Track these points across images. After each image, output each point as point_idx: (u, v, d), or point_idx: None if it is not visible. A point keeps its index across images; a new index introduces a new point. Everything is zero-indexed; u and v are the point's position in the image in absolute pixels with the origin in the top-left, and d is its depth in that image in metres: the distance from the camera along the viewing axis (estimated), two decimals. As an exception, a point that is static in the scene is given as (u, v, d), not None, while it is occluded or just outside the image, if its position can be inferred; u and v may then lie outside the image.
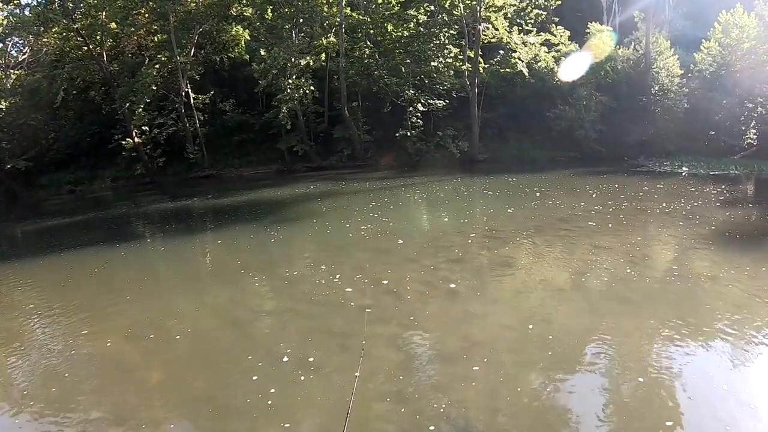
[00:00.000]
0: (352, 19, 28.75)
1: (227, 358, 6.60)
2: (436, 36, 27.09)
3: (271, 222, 15.25)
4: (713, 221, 12.26)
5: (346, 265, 10.15)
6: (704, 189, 16.69)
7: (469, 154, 27.99)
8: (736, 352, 5.93)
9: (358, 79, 28.54)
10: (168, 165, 30.30)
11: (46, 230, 17.99)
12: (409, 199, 19.07)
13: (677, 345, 6.13)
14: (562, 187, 18.83)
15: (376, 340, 6.59)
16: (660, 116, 26.67)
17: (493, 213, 14.84)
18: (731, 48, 26.72)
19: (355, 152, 29.15)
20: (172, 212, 19.85)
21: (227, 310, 8.38)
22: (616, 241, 10.82)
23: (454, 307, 7.72)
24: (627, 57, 27.62)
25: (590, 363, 5.95)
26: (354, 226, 13.61)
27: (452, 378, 5.73)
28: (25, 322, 8.39)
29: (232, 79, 32.66)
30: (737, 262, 8.92)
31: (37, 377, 6.50)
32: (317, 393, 5.58)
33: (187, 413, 5.55)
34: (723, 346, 6.07)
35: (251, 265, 10.62)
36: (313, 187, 22.32)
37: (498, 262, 9.86)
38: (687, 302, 7.48)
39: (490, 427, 4.91)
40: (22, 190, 30.10)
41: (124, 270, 11.24)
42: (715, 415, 4.85)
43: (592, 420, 4.89)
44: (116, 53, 31.58)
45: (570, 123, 26.87)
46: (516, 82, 28.56)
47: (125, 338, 7.32)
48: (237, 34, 30.39)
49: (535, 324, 6.89)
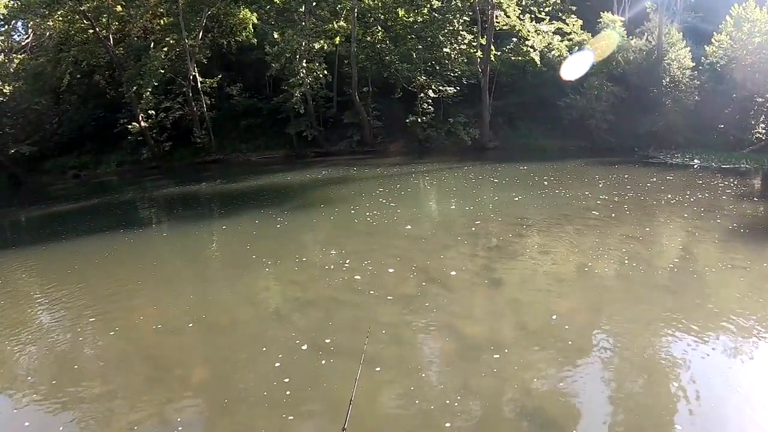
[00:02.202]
0: (364, 3, 28.46)
1: (278, 351, 6.11)
2: (449, 22, 26.85)
3: (291, 208, 15.09)
4: (736, 214, 12.12)
5: (380, 253, 9.86)
6: (720, 182, 16.55)
7: (480, 142, 27.89)
8: (745, 345, 5.85)
9: (369, 64, 28.33)
10: (174, 150, 30.11)
11: (50, 216, 17.75)
12: (426, 186, 19.01)
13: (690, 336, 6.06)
14: (578, 176, 18.73)
15: (428, 330, 6.52)
16: (670, 108, 26.54)
17: (518, 201, 14.46)
18: (742, 42, 26.57)
19: (364, 138, 29.02)
20: (180, 197, 19.73)
21: (264, 300, 8.03)
22: (649, 231, 10.76)
23: (500, 295, 7.65)
24: (639, 48, 27.45)
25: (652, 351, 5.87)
26: (376, 212, 13.45)
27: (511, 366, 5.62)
28: (30, 310, 8.18)
29: (239, 63, 32.36)
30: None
31: (45, 366, 6.31)
32: (388, 391, 5.27)
33: (247, 414, 5.09)
34: (730, 339, 5.98)
35: (279, 252, 10.27)
36: (324, 173, 22.20)
37: (536, 250, 9.71)
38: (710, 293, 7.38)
39: (567, 416, 4.82)
40: (26, 175, 29.87)
41: (135, 257, 10.94)
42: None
43: (596, 413, 4.83)
44: (121, 36, 31.19)
45: (581, 112, 26.74)
46: (527, 70, 28.41)
47: (165, 331, 6.97)
48: (245, 18, 30.06)
49: (582, 313, 6.83)
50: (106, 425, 5.04)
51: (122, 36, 31.29)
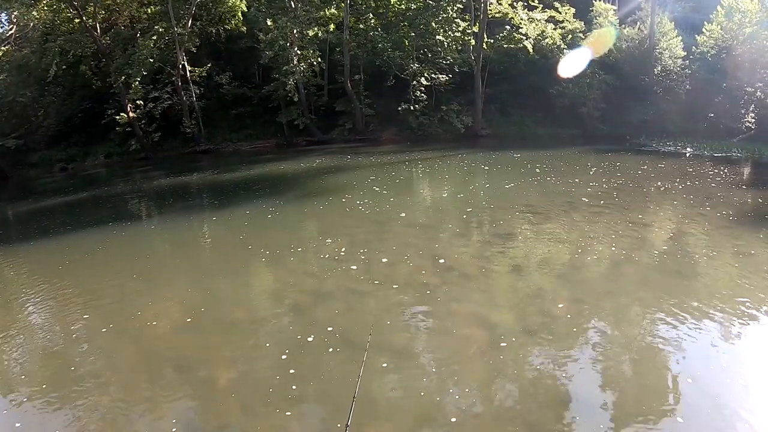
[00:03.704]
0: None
1: (306, 350, 5.80)
2: (443, 9, 26.69)
3: (293, 197, 14.86)
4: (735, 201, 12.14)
5: (392, 242, 9.68)
6: (712, 170, 16.59)
7: (473, 130, 27.88)
8: (734, 330, 5.89)
9: (360, 52, 28.10)
10: (163, 140, 29.64)
11: (38, 211, 17.20)
12: (425, 173, 18.91)
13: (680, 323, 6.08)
14: (573, 164, 18.69)
15: (455, 318, 6.47)
16: (662, 97, 26.75)
17: (522, 190, 14.23)
18: (733, 32, 26.78)
19: (356, 126, 28.86)
20: (172, 189, 19.14)
21: (281, 293, 7.65)
22: (654, 217, 10.83)
23: (520, 282, 7.61)
24: (631, 37, 27.55)
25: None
26: (378, 201, 13.29)
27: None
28: (20, 309, 7.83)
29: (229, 52, 31.96)
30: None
31: (42, 367, 6.04)
32: (430, 390, 5.05)
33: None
34: (721, 325, 6.00)
35: (288, 242, 9.89)
36: (318, 162, 21.98)
37: (548, 238, 9.63)
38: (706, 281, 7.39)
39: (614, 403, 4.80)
40: (12, 169, 29.19)
41: (128, 251, 10.54)
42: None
43: (592, 401, 4.82)
44: (108, 26, 30.59)
45: (573, 100, 26.83)
46: (519, 57, 28.38)
47: (164, 327, 6.67)
48: (234, 6, 29.63)
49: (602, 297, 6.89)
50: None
51: (108, 25, 30.69)
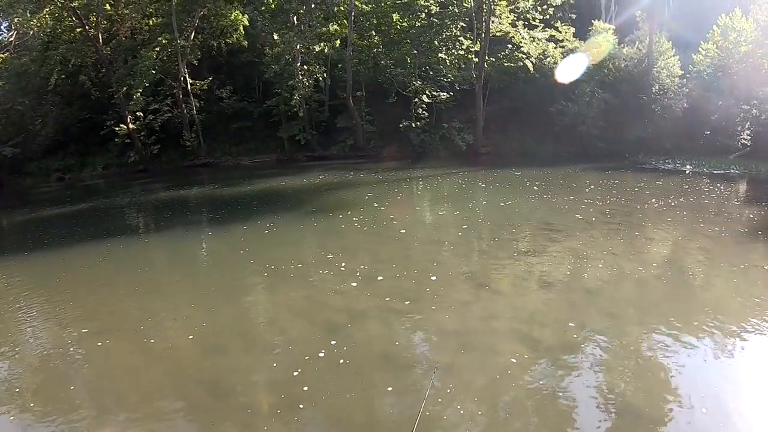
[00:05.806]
0: (359, 7, 28.37)
1: (356, 375, 5.68)
2: (447, 28, 26.91)
3: (304, 213, 14.83)
4: (740, 217, 12.36)
5: (415, 259, 9.66)
6: (712, 186, 16.84)
7: (473, 147, 28.00)
8: (730, 347, 6.02)
9: (363, 68, 28.22)
10: (162, 153, 29.53)
11: (34, 221, 16.99)
12: (432, 190, 19.02)
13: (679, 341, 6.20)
14: (576, 182, 18.83)
15: (494, 335, 6.52)
16: (659, 115, 27.02)
17: (532, 206, 14.33)
18: (729, 51, 27.22)
19: (357, 142, 28.90)
20: (170, 203, 18.95)
21: (312, 312, 7.43)
22: (669, 234, 10.94)
23: (550, 295, 7.67)
24: (630, 56, 27.90)
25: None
26: (391, 217, 13.25)
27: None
28: (15, 324, 7.65)
29: (229, 65, 32.00)
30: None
31: (34, 383, 5.95)
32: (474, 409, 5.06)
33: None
34: (717, 342, 6.14)
35: (310, 259, 9.82)
36: (321, 178, 21.97)
37: (573, 255, 9.64)
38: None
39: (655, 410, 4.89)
40: (8, 177, 28.92)
41: (128, 265, 10.37)
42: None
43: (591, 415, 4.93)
44: (109, 36, 30.54)
45: (572, 119, 27.02)
46: (519, 76, 28.61)
47: (161, 345, 6.61)
48: (236, 19, 29.69)
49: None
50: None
51: (110, 36, 30.65)
